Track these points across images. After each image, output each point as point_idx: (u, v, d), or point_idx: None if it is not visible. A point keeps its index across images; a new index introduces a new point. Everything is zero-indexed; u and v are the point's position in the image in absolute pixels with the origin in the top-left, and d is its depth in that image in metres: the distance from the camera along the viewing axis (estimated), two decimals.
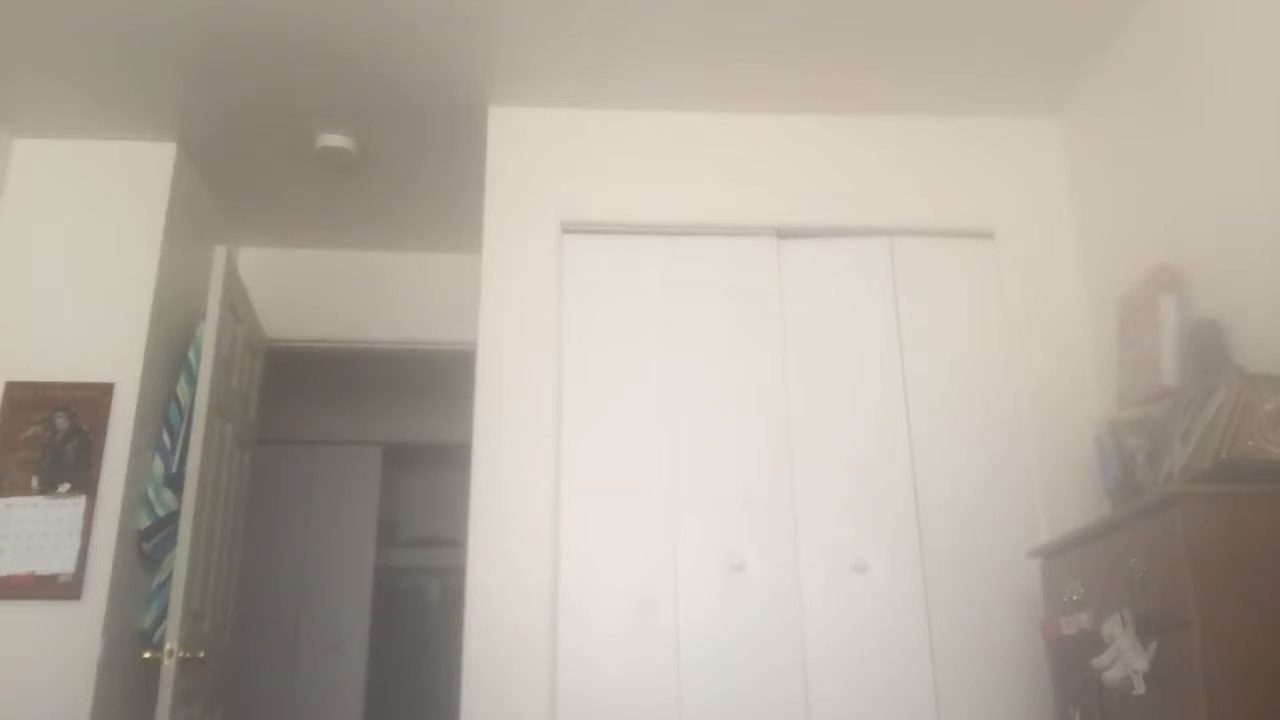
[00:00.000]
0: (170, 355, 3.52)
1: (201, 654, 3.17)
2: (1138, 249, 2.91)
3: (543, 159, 3.32)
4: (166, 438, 3.41)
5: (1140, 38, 2.93)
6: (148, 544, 3.30)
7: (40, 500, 3.13)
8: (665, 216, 3.28)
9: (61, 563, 3.07)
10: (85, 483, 3.16)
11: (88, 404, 3.22)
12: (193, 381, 3.39)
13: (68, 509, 3.13)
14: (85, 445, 3.19)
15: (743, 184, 3.32)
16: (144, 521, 3.30)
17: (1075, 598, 2.33)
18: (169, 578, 3.18)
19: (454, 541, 5.83)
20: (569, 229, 3.27)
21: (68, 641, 3.01)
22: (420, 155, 3.66)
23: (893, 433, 3.09)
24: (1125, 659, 2.05)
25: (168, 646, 2.97)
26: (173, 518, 3.27)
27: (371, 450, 5.94)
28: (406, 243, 4.32)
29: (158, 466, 3.37)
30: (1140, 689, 2.01)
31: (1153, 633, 2.00)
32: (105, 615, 3.05)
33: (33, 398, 3.22)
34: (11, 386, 3.22)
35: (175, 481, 3.29)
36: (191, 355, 3.51)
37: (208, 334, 3.32)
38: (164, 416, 3.46)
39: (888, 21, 2.97)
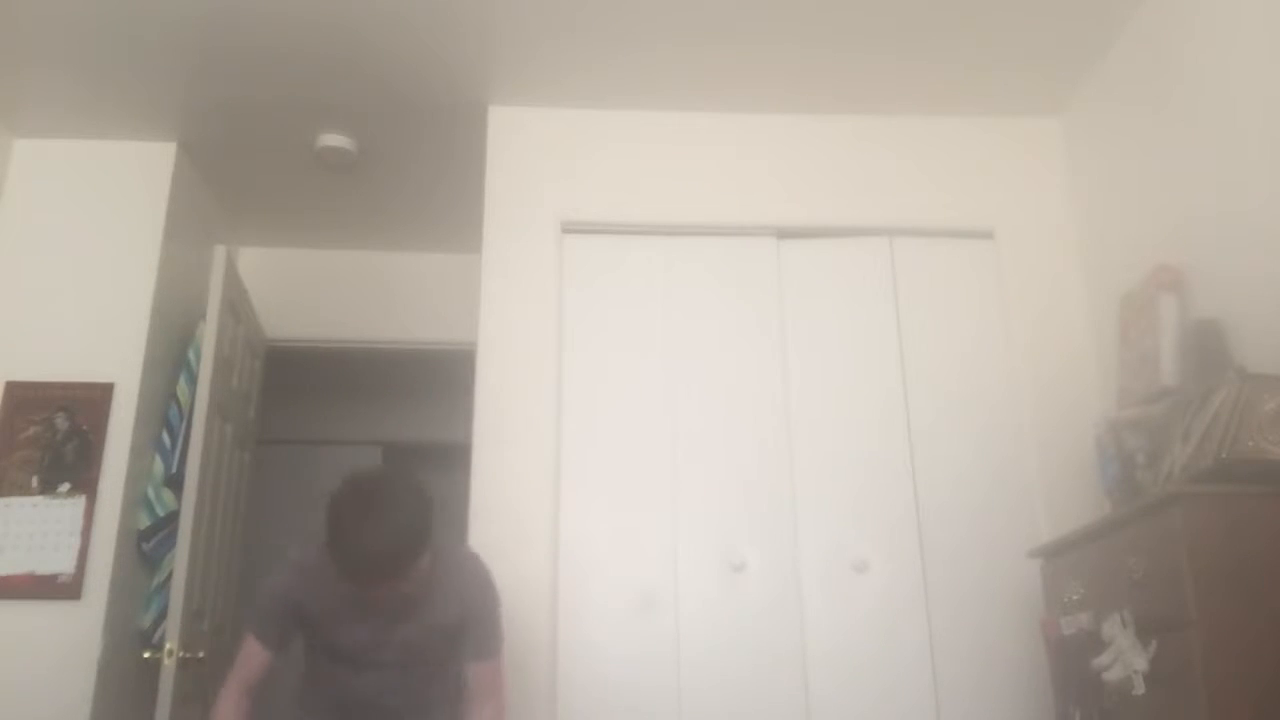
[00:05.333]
0: (170, 355, 3.52)
1: (201, 654, 3.17)
2: (1138, 249, 2.90)
3: (542, 159, 3.32)
4: (166, 437, 3.41)
5: (1140, 38, 2.93)
6: (148, 544, 3.30)
7: (40, 500, 3.13)
8: (665, 216, 3.28)
9: (61, 563, 3.07)
10: (85, 483, 3.16)
11: (88, 404, 3.22)
12: (193, 381, 3.39)
13: (68, 509, 3.13)
14: (85, 445, 3.19)
15: (743, 184, 3.32)
16: (144, 521, 3.30)
17: (1075, 598, 2.33)
18: (169, 578, 3.18)
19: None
20: (569, 229, 3.26)
21: (68, 641, 3.01)
22: (420, 155, 3.66)
23: (893, 433, 3.09)
24: (1125, 659, 2.05)
25: (168, 646, 2.97)
26: (173, 518, 3.27)
27: (371, 450, 5.92)
28: (406, 243, 4.31)
29: (158, 466, 3.37)
30: (1140, 689, 2.01)
31: (1153, 633, 2.00)
32: (105, 615, 3.05)
33: (33, 398, 3.21)
34: (11, 386, 3.22)
35: (175, 481, 3.29)
36: (191, 355, 3.51)
37: (208, 334, 3.32)
38: (164, 416, 3.45)
39: (887, 21, 2.97)
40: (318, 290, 4.30)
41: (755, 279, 3.23)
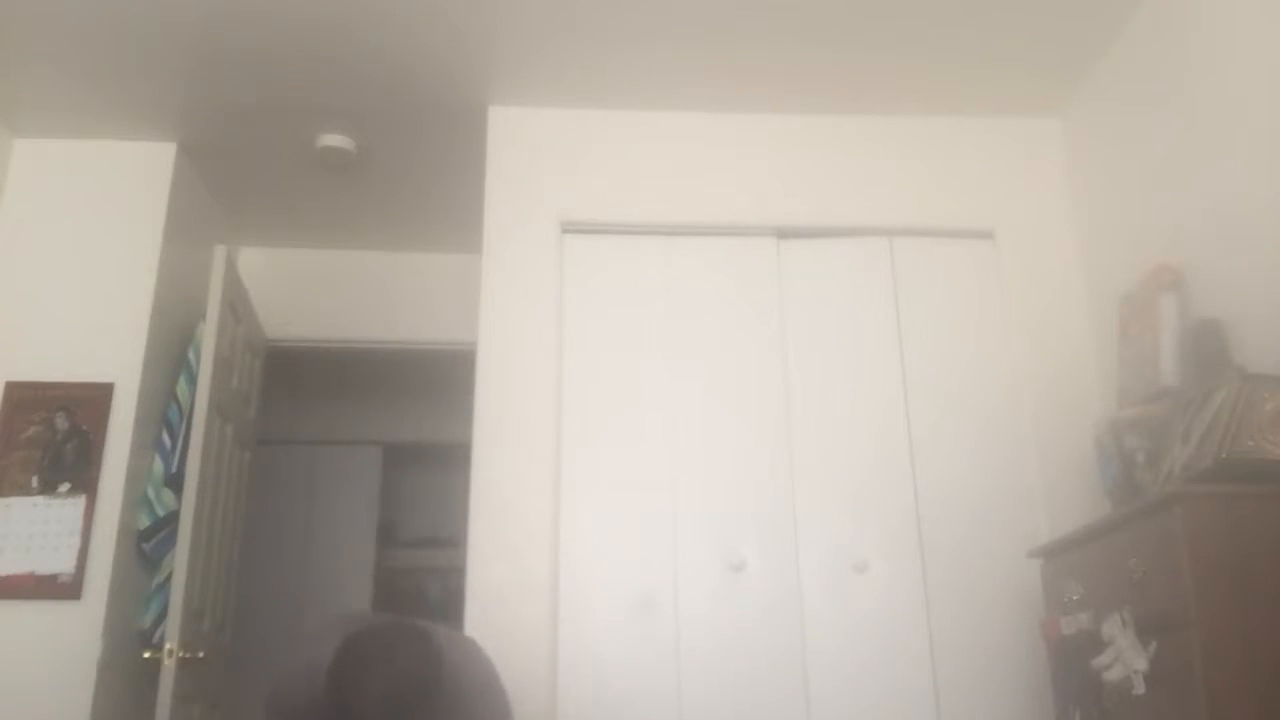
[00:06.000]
0: (170, 355, 3.52)
1: (201, 654, 3.17)
2: (1138, 249, 2.91)
3: (542, 159, 3.32)
4: (166, 438, 3.41)
5: (1140, 38, 2.93)
6: (148, 544, 3.30)
7: (40, 500, 3.13)
8: (665, 216, 3.28)
9: (61, 563, 3.07)
10: (85, 483, 3.16)
11: (88, 404, 3.22)
12: (193, 381, 3.39)
13: (68, 509, 3.13)
14: (85, 445, 3.19)
15: (743, 184, 3.32)
16: (144, 521, 3.30)
17: (1075, 598, 2.33)
18: (169, 578, 3.18)
19: (454, 541, 5.84)
20: (569, 229, 3.27)
21: (68, 641, 3.01)
22: (420, 155, 3.66)
23: (893, 433, 3.09)
24: (1125, 659, 2.05)
25: (168, 646, 2.97)
26: (173, 518, 3.27)
27: (371, 450, 5.94)
28: (406, 243, 4.32)
29: (158, 466, 3.37)
30: (1140, 689, 2.01)
31: (1153, 633, 2.00)
32: (105, 615, 3.05)
33: (33, 398, 3.21)
34: (11, 386, 3.22)
35: (175, 481, 3.29)
36: (191, 355, 3.51)
37: (208, 334, 3.32)
38: (164, 416, 3.45)
39: (888, 21, 2.97)
40: (318, 290, 4.30)
41: (755, 279, 3.23)
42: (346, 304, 4.30)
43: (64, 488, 3.15)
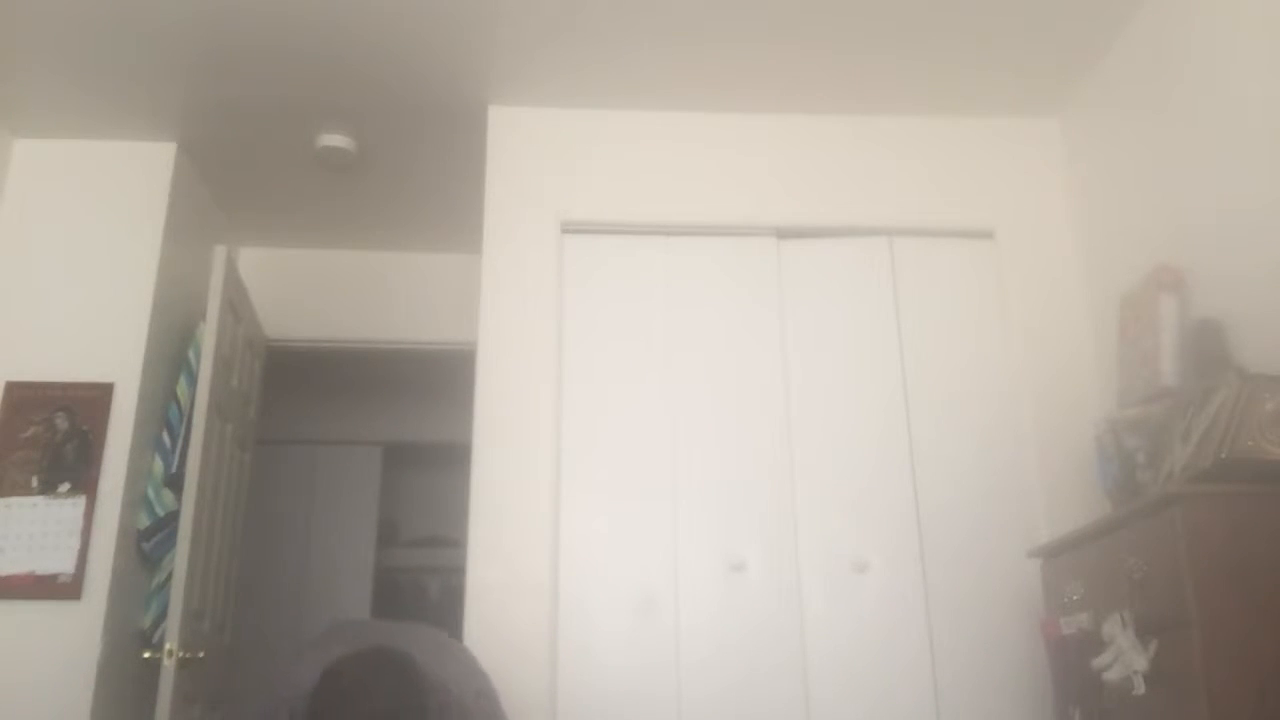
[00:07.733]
0: (170, 355, 3.52)
1: (201, 654, 3.17)
2: (1138, 249, 2.91)
3: (542, 159, 3.32)
4: (166, 437, 3.41)
5: (1140, 38, 2.93)
6: (148, 544, 3.30)
7: (40, 500, 3.13)
8: (665, 216, 3.28)
9: (61, 563, 3.07)
10: (85, 483, 3.16)
11: (88, 404, 3.22)
12: (193, 381, 3.39)
13: (68, 509, 3.13)
14: (85, 445, 3.19)
15: (743, 184, 3.32)
16: (144, 521, 3.30)
17: (1075, 598, 2.33)
18: (169, 578, 3.18)
19: (454, 541, 5.84)
20: (569, 229, 3.27)
21: (68, 641, 3.01)
22: (420, 155, 3.66)
23: (893, 433, 3.09)
24: (1125, 659, 2.05)
25: (168, 646, 2.97)
26: (173, 518, 3.27)
27: (371, 450, 5.94)
28: (406, 243, 4.32)
29: (158, 466, 3.37)
30: (1140, 689, 2.01)
31: (1153, 633, 2.00)
32: (105, 615, 3.05)
33: (33, 398, 3.21)
34: (11, 386, 3.22)
35: (175, 481, 3.29)
36: (191, 355, 3.51)
37: (208, 334, 3.32)
38: (164, 416, 3.46)
39: (887, 21, 2.97)
40: (318, 290, 4.30)
41: (755, 279, 3.24)
42: (346, 304, 4.30)
43: (64, 488, 3.15)
